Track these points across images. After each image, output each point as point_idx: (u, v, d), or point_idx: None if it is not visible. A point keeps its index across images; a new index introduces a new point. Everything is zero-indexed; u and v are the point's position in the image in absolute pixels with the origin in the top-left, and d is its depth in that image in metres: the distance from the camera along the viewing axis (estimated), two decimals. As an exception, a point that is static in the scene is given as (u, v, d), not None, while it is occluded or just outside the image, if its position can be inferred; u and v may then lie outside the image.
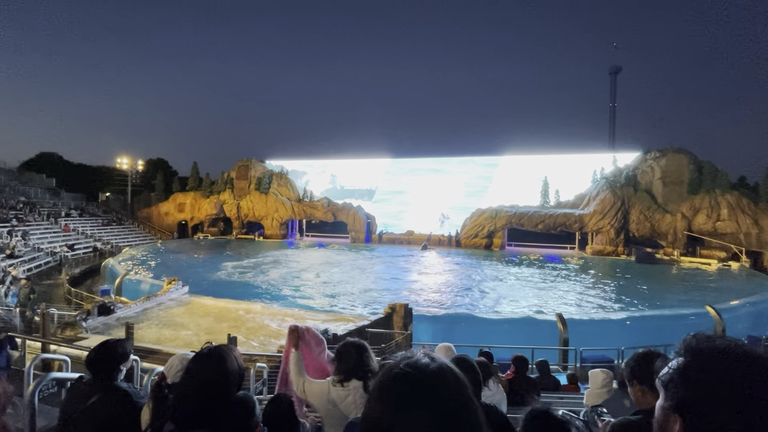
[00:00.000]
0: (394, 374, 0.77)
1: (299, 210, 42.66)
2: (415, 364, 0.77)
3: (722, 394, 0.66)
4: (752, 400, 0.64)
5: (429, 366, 0.77)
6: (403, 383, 0.75)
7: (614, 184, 33.68)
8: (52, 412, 3.19)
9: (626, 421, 1.63)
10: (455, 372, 0.78)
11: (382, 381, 0.78)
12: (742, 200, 28.81)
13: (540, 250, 34.68)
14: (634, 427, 1.58)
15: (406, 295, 18.61)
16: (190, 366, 1.60)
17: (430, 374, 0.76)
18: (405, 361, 0.78)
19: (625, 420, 1.64)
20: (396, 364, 0.79)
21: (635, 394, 1.81)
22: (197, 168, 47.09)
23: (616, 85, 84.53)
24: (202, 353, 1.64)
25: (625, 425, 1.62)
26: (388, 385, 0.77)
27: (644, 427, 1.55)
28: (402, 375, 0.76)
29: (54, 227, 32.11)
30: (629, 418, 1.65)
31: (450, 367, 0.79)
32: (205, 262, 27.71)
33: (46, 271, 24.34)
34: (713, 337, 0.75)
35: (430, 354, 0.82)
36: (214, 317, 12.57)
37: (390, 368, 0.79)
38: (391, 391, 0.76)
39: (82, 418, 2.10)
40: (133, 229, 41.46)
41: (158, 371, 4.72)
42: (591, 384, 4.28)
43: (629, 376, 1.85)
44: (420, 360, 0.78)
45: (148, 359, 7.70)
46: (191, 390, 1.52)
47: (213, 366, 1.54)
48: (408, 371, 0.76)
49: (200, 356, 1.61)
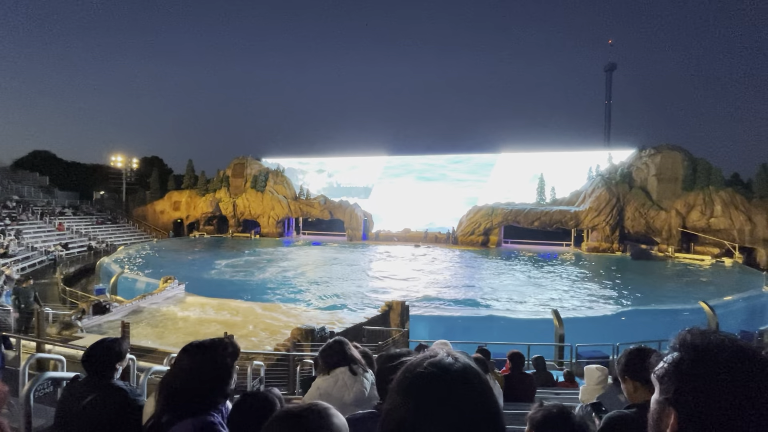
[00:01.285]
0: (418, 373, 0.77)
1: (296, 208, 42.56)
2: (439, 363, 0.77)
3: (716, 387, 0.67)
4: (744, 394, 0.66)
5: (453, 366, 0.77)
6: (428, 382, 0.75)
7: (609, 181, 33.86)
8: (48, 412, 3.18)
9: (619, 414, 1.65)
10: (479, 373, 0.78)
11: (405, 379, 0.78)
12: (735, 197, 29.06)
13: (536, 247, 34.85)
14: (628, 420, 1.60)
15: (403, 292, 18.65)
16: (179, 357, 1.63)
17: (454, 374, 0.75)
18: (429, 360, 0.78)
19: (618, 413, 1.66)
20: (419, 363, 0.78)
21: (628, 389, 1.83)
22: (192, 166, 46.82)
23: (611, 83, 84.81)
24: (191, 345, 1.67)
25: (617, 418, 1.64)
26: (412, 383, 0.76)
27: (637, 420, 1.58)
28: (426, 374, 0.76)
29: (48, 226, 31.84)
30: (623, 411, 1.67)
31: (474, 368, 0.78)
32: (201, 260, 27.60)
33: (40, 271, 24.14)
34: (707, 332, 0.76)
35: (453, 353, 0.81)
36: (210, 316, 12.54)
37: (413, 366, 0.78)
38: (415, 389, 0.75)
39: (79, 417, 2.09)
40: (128, 228, 41.21)
41: (154, 370, 4.71)
42: (586, 380, 4.31)
43: (621, 372, 1.87)
44: (444, 359, 0.78)
45: (145, 358, 7.66)
46: (179, 380, 1.56)
47: (201, 357, 1.58)
48: (432, 371, 0.76)
49: (190, 348, 1.64)
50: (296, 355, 8.36)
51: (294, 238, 42.80)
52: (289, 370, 8.06)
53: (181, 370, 1.60)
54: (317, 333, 9.51)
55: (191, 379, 1.57)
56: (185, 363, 1.61)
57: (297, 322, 10.97)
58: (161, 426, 1.51)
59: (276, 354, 8.83)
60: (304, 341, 9.24)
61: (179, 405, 1.54)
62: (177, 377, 1.60)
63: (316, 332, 9.51)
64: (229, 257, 28.86)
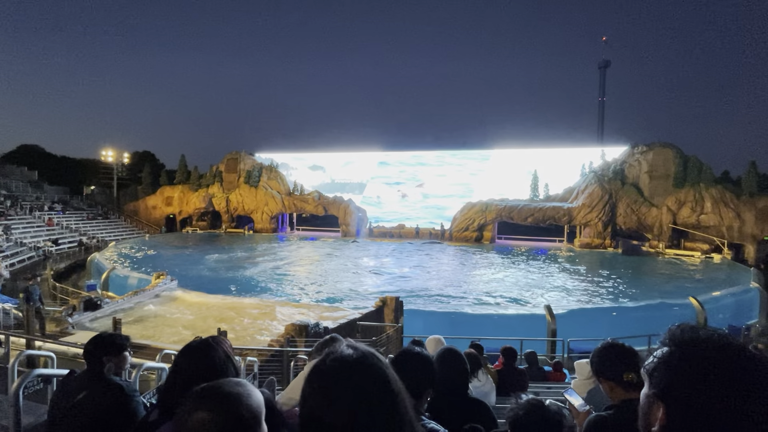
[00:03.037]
0: (320, 365, 0.88)
1: (290, 203, 42.36)
2: (339, 356, 0.87)
3: (703, 381, 0.69)
4: (731, 388, 0.67)
5: (352, 356, 0.87)
6: (329, 373, 0.85)
7: (602, 178, 34.14)
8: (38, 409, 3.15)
9: (597, 418, 1.64)
10: (376, 359, 0.88)
11: (312, 373, 0.88)
12: (725, 194, 29.46)
13: (529, 243, 35.09)
14: (607, 423, 1.60)
15: (398, 287, 18.70)
16: (177, 360, 1.61)
17: (352, 362, 0.86)
18: (331, 356, 0.88)
19: (595, 417, 1.65)
20: (324, 358, 0.89)
21: (605, 388, 1.81)
22: (185, 161, 46.33)
23: (605, 80, 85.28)
24: (189, 345, 1.65)
25: (594, 423, 1.63)
26: (315, 375, 0.87)
27: (614, 423, 1.58)
28: (328, 367, 0.86)
29: (37, 221, 31.38)
30: (600, 414, 1.66)
31: (371, 355, 0.88)
32: (194, 256, 27.40)
33: (29, 266, 23.83)
34: (697, 327, 0.77)
35: (354, 344, 0.92)
36: (203, 312, 12.47)
37: (320, 362, 0.89)
38: (317, 379, 0.86)
39: (73, 412, 2.06)
40: (119, 223, 40.75)
41: (147, 366, 4.68)
42: (577, 374, 4.36)
43: (596, 374, 1.84)
44: (343, 351, 0.88)
45: (137, 354, 7.61)
46: (179, 379, 1.55)
47: (200, 357, 1.57)
48: (332, 364, 0.86)
49: (187, 348, 1.62)
50: (290, 351, 8.36)
51: (288, 233, 42.64)
52: (283, 365, 8.06)
53: (175, 372, 1.60)
54: (311, 328, 9.51)
55: (186, 379, 1.56)
56: (180, 364, 1.60)
57: (291, 318, 10.96)
58: (150, 425, 1.51)
59: (270, 349, 8.82)
60: (298, 337, 9.24)
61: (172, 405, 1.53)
62: (170, 379, 1.60)
63: (310, 328, 9.50)
64: (222, 253, 28.69)
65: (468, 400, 2.21)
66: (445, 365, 2.09)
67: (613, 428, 1.56)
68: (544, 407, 1.65)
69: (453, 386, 2.13)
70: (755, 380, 0.67)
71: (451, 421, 1.74)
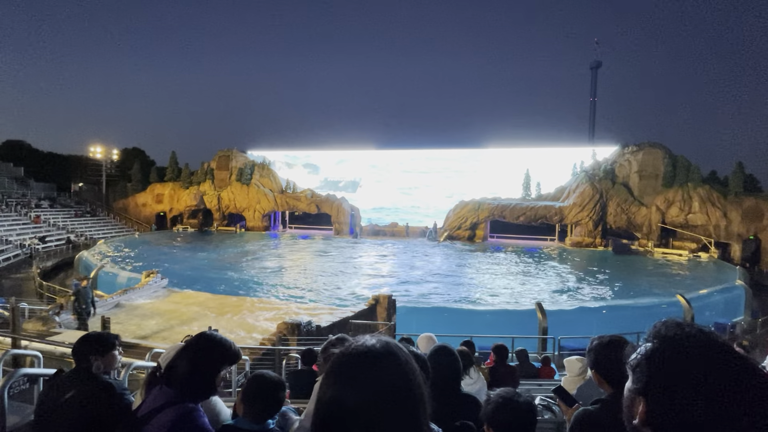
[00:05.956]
0: (342, 355, 0.86)
1: (282, 201, 42.11)
2: (362, 345, 0.85)
3: (683, 377, 0.69)
4: (710, 384, 0.67)
5: (375, 346, 0.85)
6: (349, 361, 0.83)
7: (593, 178, 34.50)
8: (23, 409, 3.10)
9: (583, 412, 1.69)
10: (399, 348, 0.86)
11: (333, 363, 0.86)
12: (712, 194, 29.99)
13: (521, 242, 35.35)
14: (593, 416, 1.64)
15: (390, 286, 18.72)
16: (173, 357, 1.66)
17: (375, 352, 0.83)
18: (353, 345, 0.87)
19: (582, 411, 1.70)
20: (346, 348, 0.87)
21: (595, 379, 1.87)
22: (176, 158, 45.73)
23: (596, 80, 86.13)
24: (185, 347, 1.69)
25: (580, 417, 1.67)
26: (336, 365, 0.85)
27: (600, 415, 1.62)
28: (348, 355, 0.84)
29: (23, 218, 30.80)
30: (587, 408, 1.71)
31: (394, 345, 0.86)
32: (184, 254, 27.13)
33: (15, 264, 23.40)
34: (682, 324, 0.78)
35: (378, 336, 0.89)
36: (194, 310, 12.36)
37: (342, 353, 0.87)
38: (338, 368, 0.84)
39: (61, 411, 2.03)
40: (108, 221, 40.18)
41: (136, 365, 4.63)
42: (568, 371, 4.41)
43: (591, 364, 1.89)
44: (366, 342, 0.86)
45: (126, 353, 7.51)
46: (166, 377, 1.60)
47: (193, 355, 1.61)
48: (353, 351, 0.85)
49: (188, 347, 1.67)
50: (282, 349, 8.33)
51: (280, 231, 42.40)
52: (275, 364, 8.03)
53: (170, 368, 1.63)
54: (303, 327, 9.48)
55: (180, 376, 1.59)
56: (176, 362, 1.62)
57: (283, 316, 10.91)
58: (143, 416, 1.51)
59: (262, 348, 8.78)
60: (290, 335, 9.20)
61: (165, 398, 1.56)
62: (166, 375, 1.63)
63: (302, 326, 9.47)
64: (214, 251, 28.45)
65: (460, 395, 2.24)
66: (438, 361, 2.13)
67: (599, 422, 1.59)
68: (514, 399, 1.68)
69: (445, 382, 2.16)
70: (735, 378, 0.67)
71: (443, 417, 1.75)
